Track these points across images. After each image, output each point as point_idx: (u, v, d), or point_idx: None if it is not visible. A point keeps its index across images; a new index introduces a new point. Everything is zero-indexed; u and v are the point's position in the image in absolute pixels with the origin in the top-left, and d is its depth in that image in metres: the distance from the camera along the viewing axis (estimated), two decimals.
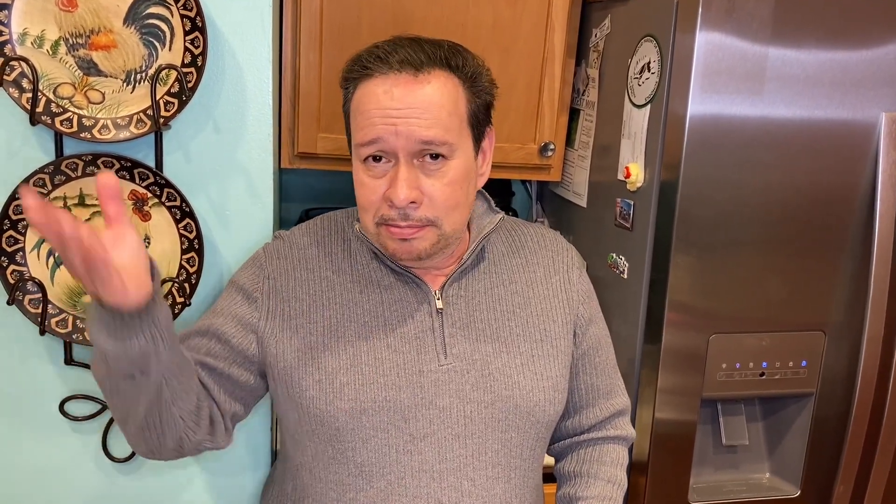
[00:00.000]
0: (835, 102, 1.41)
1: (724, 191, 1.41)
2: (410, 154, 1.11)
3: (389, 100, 1.10)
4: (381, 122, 1.10)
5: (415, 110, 1.10)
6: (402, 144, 1.10)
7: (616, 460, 1.35)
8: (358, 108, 1.14)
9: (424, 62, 1.12)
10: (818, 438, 1.57)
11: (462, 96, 1.15)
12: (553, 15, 1.66)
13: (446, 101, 1.13)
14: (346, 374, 1.17)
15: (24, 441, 1.40)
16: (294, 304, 1.21)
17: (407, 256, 1.16)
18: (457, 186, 1.15)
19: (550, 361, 1.25)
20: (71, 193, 1.29)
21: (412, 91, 1.11)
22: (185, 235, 1.34)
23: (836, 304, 1.51)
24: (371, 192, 1.14)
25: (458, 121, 1.15)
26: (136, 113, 1.28)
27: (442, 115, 1.12)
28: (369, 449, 1.16)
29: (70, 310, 1.33)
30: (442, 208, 1.14)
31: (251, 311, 1.21)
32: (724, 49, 1.35)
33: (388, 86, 1.11)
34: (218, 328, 1.21)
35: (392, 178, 1.12)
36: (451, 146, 1.13)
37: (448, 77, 1.14)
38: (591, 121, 1.71)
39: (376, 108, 1.11)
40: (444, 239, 1.17)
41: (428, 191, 1.12)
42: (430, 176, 1.13)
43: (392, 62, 1.11)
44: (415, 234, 1.14)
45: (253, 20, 1.33)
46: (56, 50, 1.24)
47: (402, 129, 1.10)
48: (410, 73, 1.11)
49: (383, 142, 1.11)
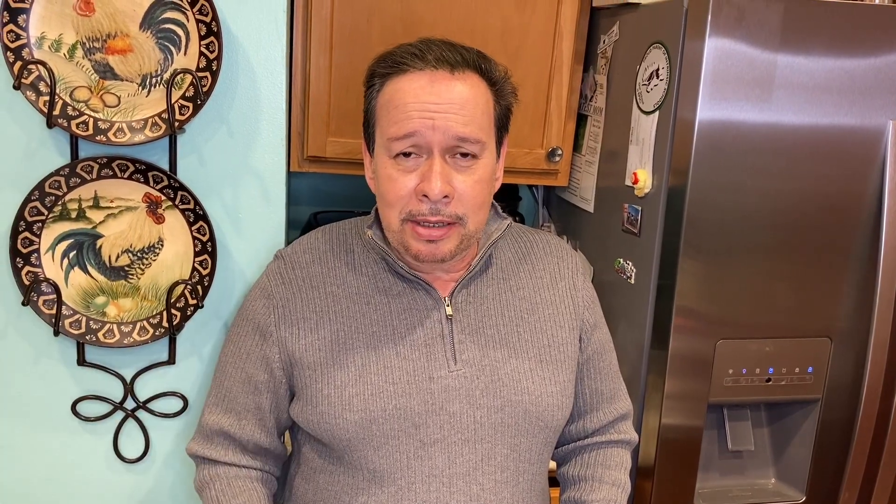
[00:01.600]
0: (842, 110, 1.42)
1: (732, 197, 1.42)
2: (444, 150, 1.13)
3: (428, 94, 1.12)
4: (418, 115, 1.11)
5: (453, 105, 1.12)
6: (438, 139, 1.12)
7: (620, 464, 1.36)
8: (391, 102, 1.15)
9: (459, 62, 1.14)
10: (824, 444, 1.57)
11: (490, 99, 1.18)
12: (561, 21, 1.67)
13: (480, 101, 1.15)
14: (355, 386, 1.18)
15: (37, 441, 1.41)
16: (303, 324, 1.22)
17: (430, 258, 1.17)
18: (484, 185, 1.17)
19: (558, 366, 1.26)
20: (86, 195, 1.30)
21: (450, 87, 1.12)
22: (198, 238, 1.35)
23: (842, 310, 1.52)
24: (401, 186, 1.14)
25: (489, 121, 1.17)
26: (151, 116, 1.29)
27: (477, 114, 1.14)
28: (381, 456, 1.17)
29: (84, 311, 1.34)
30: (471, 205, 1.15)
31: (269, 347, 1.23)
32: (732, 56, 1.36)
33: (426, 81, 1.12)
34: (253, 376, 1.24)
35: (425, 173, 1.13)
36: (483, 145, 1.15)
37: (479, 79, 1.16)
38: (598, 126, 1.72)
39: (414, 101, 1.12)
40: (467, 239, 1.18)
41: (459, 187, 1.14)
42: (461, 172, 1.14)
43: (428, 58, 1.13)
44: (442, 235, 1.15)
45: (267, 25, 1.34)
46: (73, 54, 1.25)
47: (439, 123, 1.11)
48: (447, 69, 1.13)
49: (419, 136, 1.12)
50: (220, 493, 1.23)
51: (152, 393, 1.43)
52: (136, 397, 1.42)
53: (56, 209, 1.30)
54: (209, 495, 1.23)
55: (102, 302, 1.35)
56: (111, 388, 1.41)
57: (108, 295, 1.35)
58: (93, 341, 1.34)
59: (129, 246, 1.34)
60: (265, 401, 1.24)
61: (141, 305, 1.36)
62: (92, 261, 1.33)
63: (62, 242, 1.32)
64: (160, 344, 1.40)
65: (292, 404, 1.24)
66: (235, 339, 1.27)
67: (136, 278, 1.35)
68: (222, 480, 1.24)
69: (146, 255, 1.35)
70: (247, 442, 1.25)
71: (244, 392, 1.24)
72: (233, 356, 1.26)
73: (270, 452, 1.28)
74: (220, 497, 1.22)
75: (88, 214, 1.31)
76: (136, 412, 1.43)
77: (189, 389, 1.44)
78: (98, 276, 1.34)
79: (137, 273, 1.35)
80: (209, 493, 1.23)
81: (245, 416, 1.25)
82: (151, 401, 1.43)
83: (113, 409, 1.42)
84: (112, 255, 1.34)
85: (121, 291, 1.35)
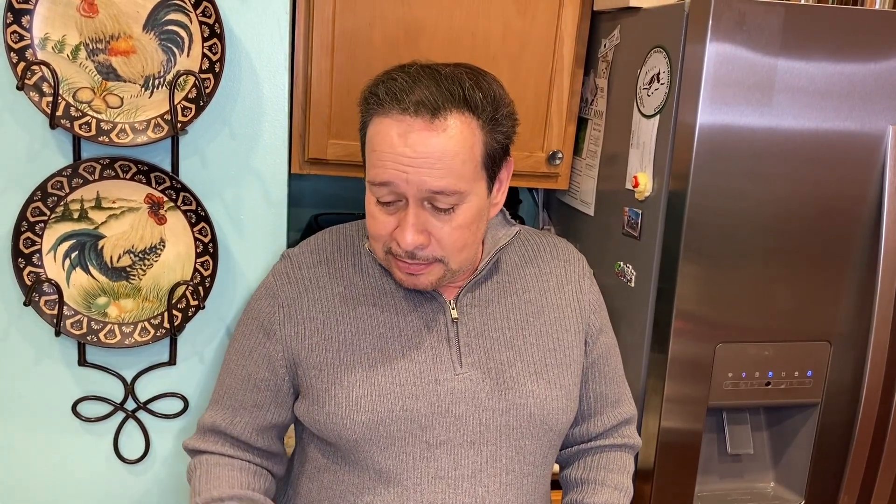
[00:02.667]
0: (843, 115, 1.43)
1: (732, 201, 1.42)
2: (420, 199, 1.11)
3: (403, 146, 1.08)
4: (392, 166, 1.09)
5: (427, 160, 1.07)
6: (412, 192, 1.09)
7: (623, 468, 1.36)
8: (371, 145, 1.13)
9: (440, 106, 1.08)
10: (823, 448, 1.57)
11: (479, 140, 1.12)
12: (562, 25, 1.68)
13: (461, 149, 1.09)
14: (363, 387, 1.18)
15: (37, 441, 1.41)
16: (309, 324, 1.22)
17: (412, 288, 1.19)
18: (465, 230, 1.14)
19: (564, 370, 1.26)
20: (88, 196, 1.31)
21: (425, 140, 1.08)
22: (199, 239, 1.35)
23: (841, 314, 1.52)
24: (382, 226, 1.15)
25: (473, 167, 1.12)
26: (154, 118, 1.29)
27: (455, 164, 1.09)
28: (387, 457, 1.18)
29: (85, 312, 1.34)
30: (450, 249, 1.15)
31: (273, 345, 1.23)
32: (733, 60, 1.37)
33: (403, 130, 1.08)
34: (254, 374, 1.24)
35: (401, 220, 1.12)
36: (462, 195, 1.11)
37: (466, 121, 1.10)
38: (599, 130, 1.72)
39: (389, 151, 1.09)
40: (451, 273, 1.18)
41: (436, 234, 1.13)
42: (440, 219, 1.12)
43: (408, 104, 1.08)
44: (421, 270, 1.15)
45: (270, 27, 1.35)
46: (76, 55, 1.26)
47: (412, 177, 1.08)
48: (426, 118, 1.08)
49: (394, 185, 1.10)
50: (197, 480, 1.23)
51: (153, 394, 1.43)
52: (136, 398, 1.42)
53: (58, 210, 1.30)
54: (192, 485, 1.24)
55: (104, 302, 1.35)
56: (112, 389, 1.42)
57: (109, 295, 1.35)
58: (94, 342, 1.34)
59: (131, 247, 1.34)
60: (264, 399, 1.24)
61: (142, 306, 1.37)
62: (93, 261, 1.34)
63: (64, 243, 1.32)
64: (161, 345, 1.41)
65: (297, 403, 1.25)
66: (239, 338, 1.28)
67: (138, 279, 1.35)
68: (203, 467, 1.24)
69: (148, 255, 1.35)
70: (237, 437, 1.25)
71: (243, 389, 1.25)
72: (236, 354, 1.27)
73: (263, 451, 1.28)
74: (198, 485, 1.22)
75: (90, 215, 1.32)
76: (136, 413, 1.43)
77: (190, 390, 1.44)
78: (99, 276, 1.34)
79: (139, 274, 1.35)
80: (192, 483, 1.24)
81: (240, 412, 1.25)
82: (152, 401, 1.43)
83: (113, 409, 1.42)
84: (114, 255, 1.34)
85: (122, 292, 1.35)
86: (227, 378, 1.28)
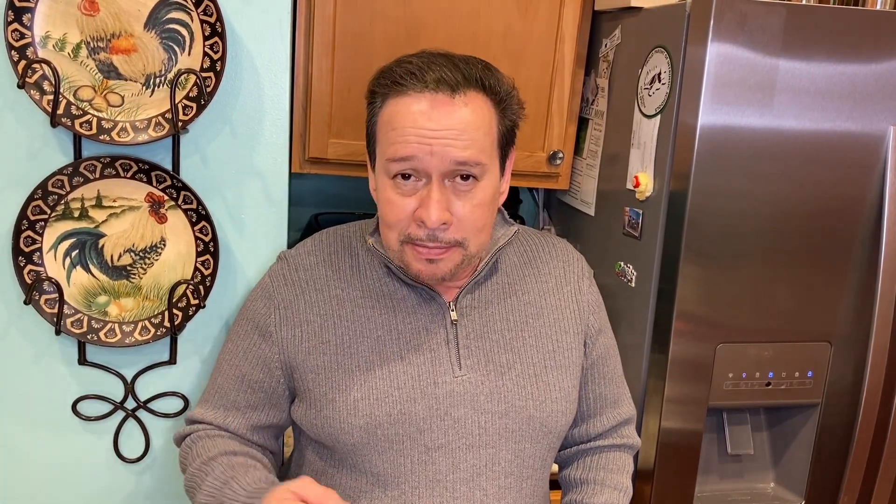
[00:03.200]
0: (844, 115, 1.43)
1: (733, 201, 1.42)
2: (443, 174, 1.11)
3: (427, 120, 1.09)
4: (416, 140, 1.09)
5: (452, 131, 1.09)
6: (436, 165, 1.10)
7: (622, 468, 1.36)
8: (390, 124, 1.12)
9: (461, 82, 1.11)
10: (823, 449, 1.58)
11: (494, 118, 1.15)
12: (563, 25, 1.68)
13: (482, 123, 1.12)
14: (360, 391, 1.18)
15: (37, 440, 1.41)
16: (306, 327, 1.21)
17: (430, 278, 1.17)
18: (485, 208, 1.15)
19: (563, 372, 1.26)
20: (88, 195, 1.31)
21: (450, 113, 1.09)
22: (200, 238, 1.35)
23: (842, 315, 1.52)
24: (400, 210, 1.13)
25: (491, 142, 1.14)
26: (155, 116, 1.29)
27: (478, 136, 1.11)
28: (385, 460, 1.17)
29: (85, 310, 1.34)
30: (471, 229, 1.14)
31: (269, 347, 1.23)
32: (735, 61, 1.37)
33: (425, 105, 1.10)
34: (248, 375, 1.24)
35: (423, 199, 1.11)
36: (484, 167, 1.13)
37: (483, 98, 1.13)
38: (599, 130, 1.72)
39: (412, 126, 1.09)
40: (469, 259, 1.17)
41: (458, 212, 1.12)
42: (461, 197, 1.12)
43: (428, 80, 1.10)
44: (441, 255, 1.14)
45: (271, 26, 1.35)
46: (77, 53, 1.25)
47: (437, 149, 1.09)
48: (447, 93, 1.10)
49: (417, 160, 1.10)
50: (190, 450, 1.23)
51: (153, 393, 1.43)
52: (136, 397, 1.42)
53: (59, 208, 1.30)
54: (186, 457, 1.23)
55: (104, 301, 1.35)
56: (112, 388, 1.41)
57: (109, 294, 1.35)
58: (94, 341, 1.34)
59: (132, 245, 1.34)
60: (258, 400, 1.24)
61: (142, 305, 1.36)
62: (94, 260, 1.33)
63: (64, 241, 1.32)
64: (161, 344, 1.41)
65: (294, 406, 1.24)
66: (234, 339, 1.27)
67: (138, 278, 1.35)
68: (197, 441, 1.24)
69: (148, 254, 1.35)
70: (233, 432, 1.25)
71: (236, 390, 1.24)
72: (230, 354, 1.27)
73: (258, 445, 1.28)
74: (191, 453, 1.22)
75: (91, 214, 1.32)
76: (136, 412, 1.43)
77: (190, 390, 1.44)
78: (100, 275, 1.34)
79: (139, 273, 1.35)
80: (185, 455, 1.24)
81: (233, 412, 1.25)
82: (152, 401, 1.43)
83: (113, 408, 1.42)
84: (114, 254, 1.34)
85: (122, 291, 1.35)
86: (219, 377, 1.27)
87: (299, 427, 1.27)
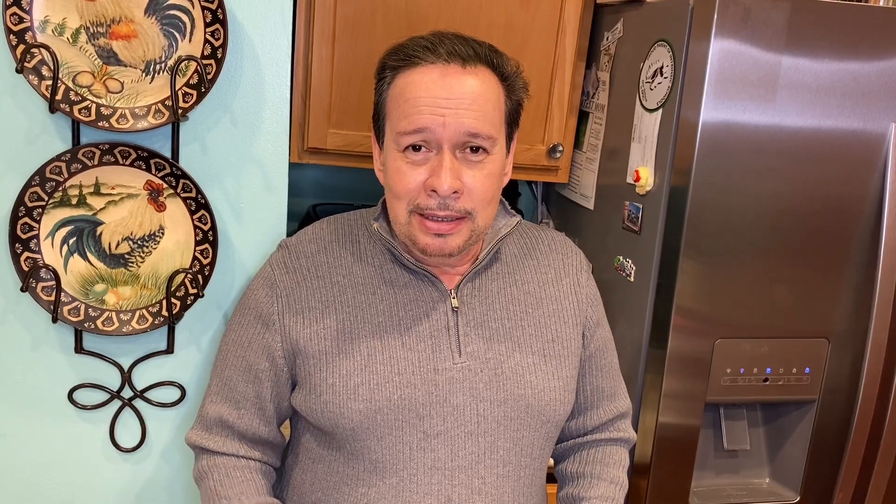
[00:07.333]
0: (846, 112, 1.43)
1: (734, 197, 1.42)
2: (454, 145, 1.12)
3: (439, 89, 1.11)
4: (428, 110, 1.11)
5: (464, 101, 1.11)
6: (448, 135, 1.11)
7: (618, 462, 1.36)
8: (402, 96, 1.14)
9: (471, 56, 1.13)
10: (819, 445, 1.58)
11: (502, 94, 1.17)
12: (565, 18, 1.67)
13: (492, 96, 1.14)
14: (360, 375, 1.18)
15: (33, 428, 1.40)
16: (308, 313, 1.21)
17: (438, 253, 1.16)
18: (494, 180, 1.17)
19: (562, 362, 1.26)
20: (87, 182, 1.29)
21: (462, 82, 1.12)
22: (199, 227, 1.34)
23: (840, 312, 1.52)
24: (409, 180, 1.14)
25: (500, 116, 1.17)
26: (155, 103, 1.28)
27: (488, 108, 1.13)
28: (384, 446, 1.17)
29: (83, 298, 1.33)
30: (480, 200, 1.15)
31: (272, 336, 1.22)
32: (737, 56, 1.36)
33: (437, 75, 1.12)
34: (254, 365, 1.23)
35: (435, 168, 1.12)
36: (494, 140, 1.15)
37: (491, 74, 1.16)
38: (600, 123, 1.72)
39: (425, 95, 1.11)
40: (476, 234, 1.18)
41: (468, 182, 1.13)
42: (471, 168, 1.14)
43: (440, 52, 1.13)
44: (451, 229, 1.15)
45: (273, 14, 1.33)
46: (76, 38, 1.24)
47: (450, 119, 1.10)
48: (459, 63, 1.12)
49: (429, 131, 1.11)
50: (217, 484, 1.22)
51: (150, 382, 1.42)
52: (133, 386, 1.42)
53: (56, 195, 1.29)
54: (207, 486, 1.23)
55: (101, 289, 1.34)
56: (109, 377, 1.41)
57: (107, 282, 1.34)
58: (91, 329, 1.33)
59: (130, 233, 1.33)
60: (266, 390, 1.24)
61: (140, 294, 1.36)
62: (92, 248, 1.32)
63: (62, 229, 1.31)
64: (159, 333, 1.40)
65: (294, 393, 1.24)
66: (237, 328, 1.26)
67: (136, 266, 1.34)
68: (220, 470, 1.23)
69: (146, 243, 1.34)
70: (245, 431, 1.24)
71: (244, 381, 1.24)
72: (234, 345, 1.26)
73: (269, 443, 1.28)
74: (218, 487, 1.22)
75: (89, 201, 1.31)
76: (133, 401, 1.42)
77: (187, 379, 1.43)
78: (98, 263, 1.33)
79: (137, 261, 1.34)
80: (207, 484, 1.23)
81: (245, 405, 1.24)
82: (149, 390, 1.42)
83: (110, 397, 1.41)
84: (112, 242, 1.33)
85: (120, 279, 1.34)
86: (225, 369, 1.26)
87: (298, 414, 1.26)
